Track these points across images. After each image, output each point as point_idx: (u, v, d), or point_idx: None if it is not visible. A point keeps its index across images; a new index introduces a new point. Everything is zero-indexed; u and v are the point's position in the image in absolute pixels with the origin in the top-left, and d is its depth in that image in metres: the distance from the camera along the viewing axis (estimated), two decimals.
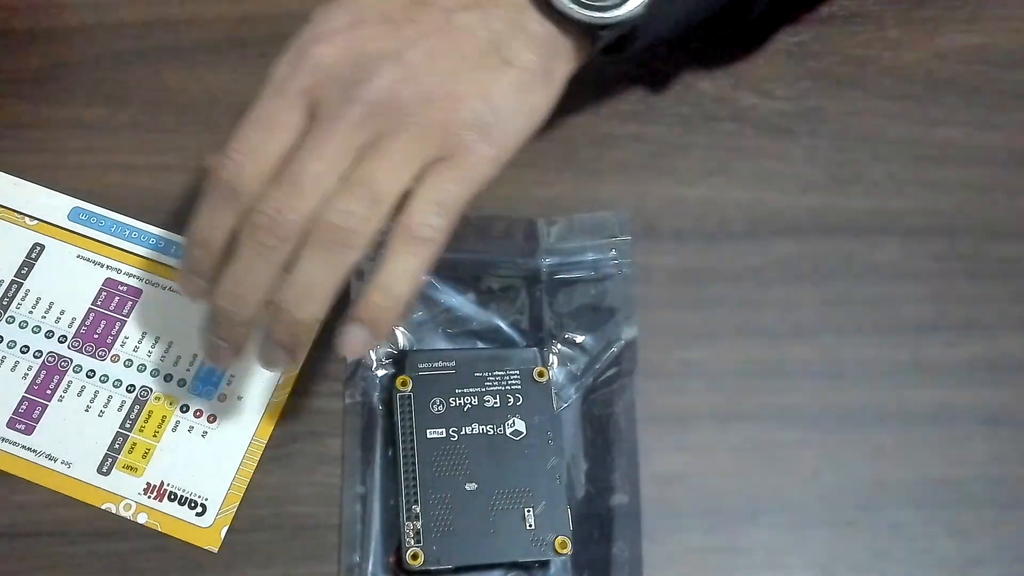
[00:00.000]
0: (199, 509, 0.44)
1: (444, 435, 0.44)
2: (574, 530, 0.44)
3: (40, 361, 0.46)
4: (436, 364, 0.46)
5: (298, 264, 0.39)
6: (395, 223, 0.40)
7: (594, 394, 0.47)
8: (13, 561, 0.43)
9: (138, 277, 0.48)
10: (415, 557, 0.42)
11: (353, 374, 0.46)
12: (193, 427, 0.45)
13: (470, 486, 0.44)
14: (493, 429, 0.45)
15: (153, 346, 0.47)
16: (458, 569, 0.43)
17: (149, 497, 0.44)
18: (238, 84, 0.53)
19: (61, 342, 0.46)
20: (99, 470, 0.44)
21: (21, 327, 0.46)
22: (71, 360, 0.46)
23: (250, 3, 0.55)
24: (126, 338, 0.47)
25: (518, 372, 0.46)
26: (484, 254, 0.48)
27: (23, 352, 0.46)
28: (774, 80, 0.54)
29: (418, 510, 0.43)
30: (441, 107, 0.41)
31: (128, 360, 0.46)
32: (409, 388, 0.45)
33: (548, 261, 0.48)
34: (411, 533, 0.43)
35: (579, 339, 0.47)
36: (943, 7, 0.57)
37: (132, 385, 0.46)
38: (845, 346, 0.49)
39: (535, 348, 0.47)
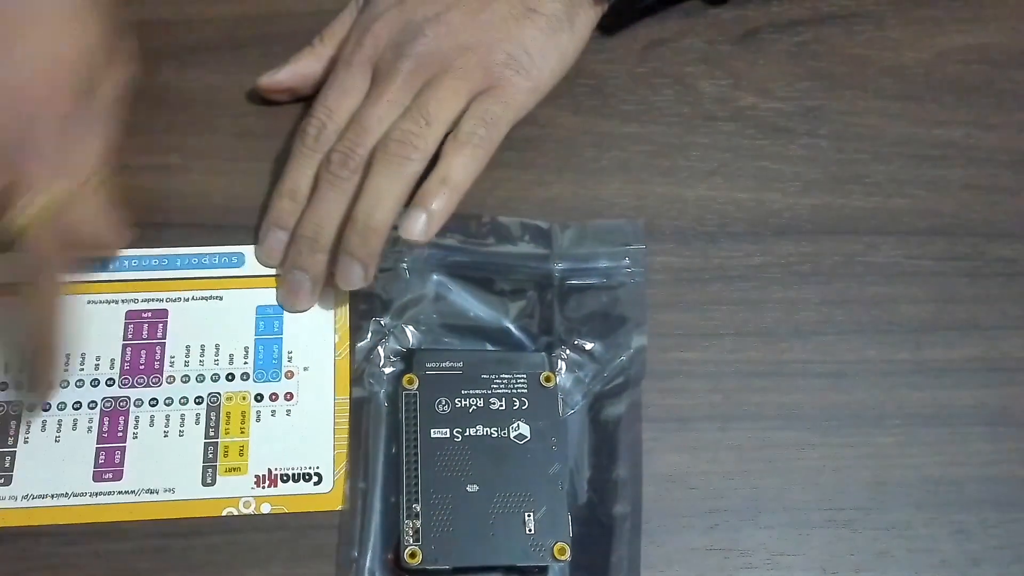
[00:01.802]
0: (315, 479, 0.45)
1: (448, 435, 0.44)
2: (573, 537, 0.43)
3: (98, 410, 0.46)
4: (443, 364, 0.46)
5: (368, 180, 0.46)
6: (448, 138, 0.47)
7: (601, 402, 0.46)
8: (13, 561, 0.43)
9: (157, 299, 0.48)
10: (413, 556, 0.42)
11: (360, 370, 0.46)
12: (275, 411, 0.46)
13: (471, 488, 0.44)
14: (497, 432, 0.45)
15: (202, 355, 0.47)
16: (456, 570, 0.43)
17: (263, 488, 0.44)
18: (237, 84, 0.53)
19: (110, 385, 0.46)
20: (204, 483, 0.44)
21: (63, 387, 0.46)
22: (128, 398, 0.46)
23: (249, 3, 0.55)
24: (172, 357, 0.47)
25: (525, 376, 0.46)
26: (497, 256, 0.48)
27: (77, 408, 0.46)
28: (774, 80, 0.54)
29: (418, 509, 0.43)
30: (479, 52, 0.49)
31: (184, 376, 0.46)
32: (415, 387, 0.45)
33: (561, 266, 0.48)
34: (410, 531, 0.43)
35: (588, 346, 0.47)
36: (943, 7, 0.57)
37: (199, 397, 0.46)
38: (845, 346, 0.49)
39: (543, 353, 0.47)
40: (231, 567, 0.44)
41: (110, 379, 0.46)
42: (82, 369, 0.46)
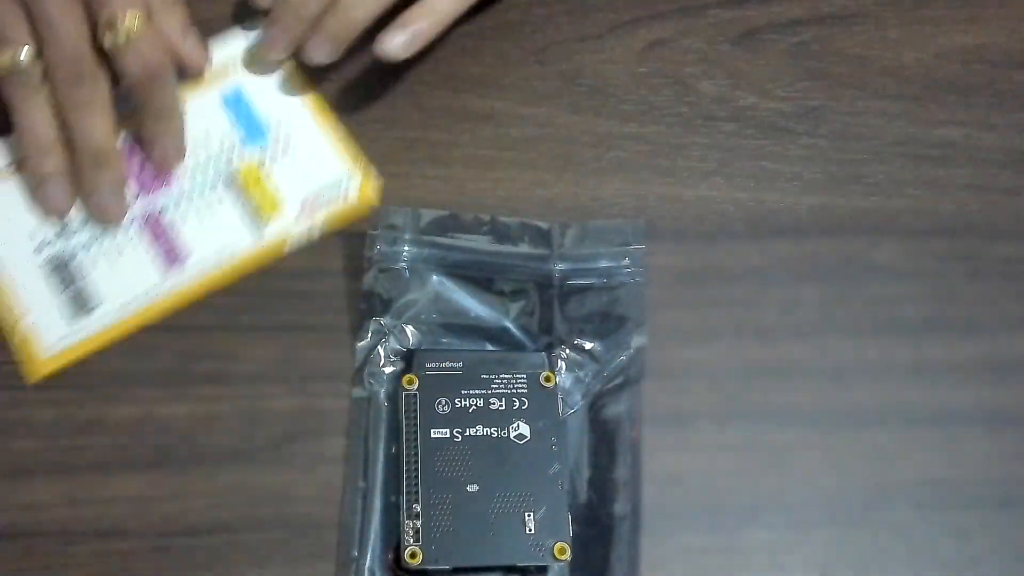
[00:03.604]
0: (347, 186, 0.50)
1: (448, 435, 0.44)
2: (573, 537, 0.43)
3: (142, 220, 0.49)
4: (443, 364, 0.46)
5: None
6: None
7: (601, 401, 0.46)
8: (13, 561, 0.43)
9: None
10: (413, 556, 0.42)
11: (360, 370, 0.46)
12: (278, 158, 0.50)
13: (472, 488, 0.44)
14: (497, 432, 0.45)
15: (198, 160, 0.50)
16: (456, 570, 0.43)
17: (305, 215, 0.49)
18: None
19: (141, 198, 0.50)
20: (255, 236, 0.49)
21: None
22: (159, 207, 0.49)
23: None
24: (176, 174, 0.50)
25: (525, 376, 0.46)
26: (497, 256, 0.48)
27: (126, 227, 0.49)
28: (774, 80, 0.54)
29: (418, 509, 0.43)
30: None
31: (194, 174, 0.50)
32: (415, 387, 0.45)
33: (561, 266, 0.48)
34: (410, 531, 0.43)
35: (588, 346, 0.47)
36: (943, 7, 0.57)
37: (214, 183, 0.50)
38: (845, 346, 0.49)
39: (543, 353, 0.47)
40: (231, 567, 0.44)
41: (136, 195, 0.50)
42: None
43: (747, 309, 0.49)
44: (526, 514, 0.43)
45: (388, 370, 0.47)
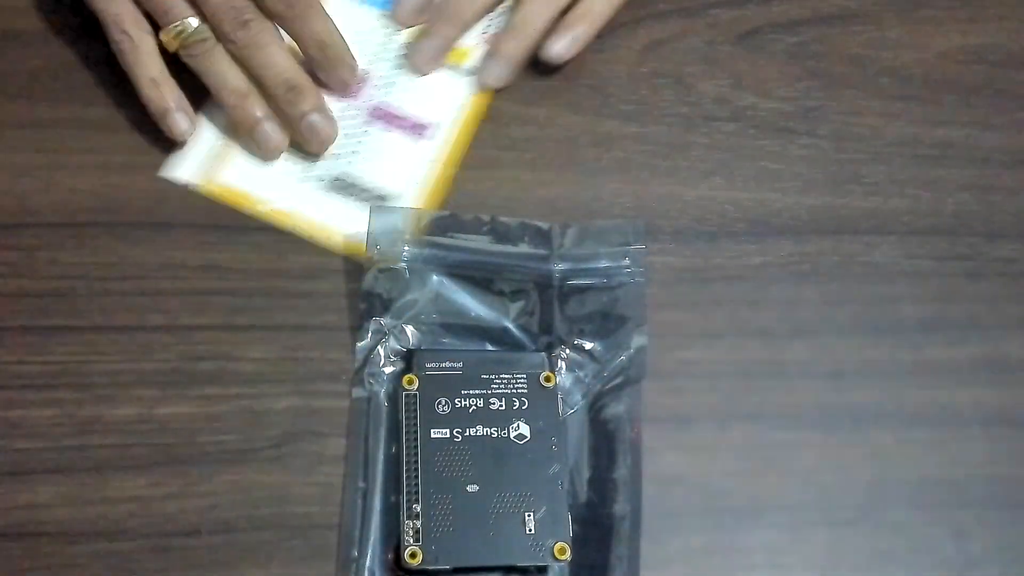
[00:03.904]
0: None
1: (448, 435, 0.44)
2: (573, 537, 0.43)
3: (376, 122, 0.52)
4: (443, 364, 0.46)
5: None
6: None
7: (601, 401, 0.46)
8: (13, 561, 0.43)
9: None
10: (413, 556, 0.42)
11: (360, 370, 0.46)
12: None
13: (472, 488, 0.44)
14: (497, 432, 0.45)
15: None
16: (456, 570, 0.43)
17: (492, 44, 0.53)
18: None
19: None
20: (465, 85, 0.53)
21: None
22: (374, 100, 0.53)
23: None
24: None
25: (525, 376, 0.46)
26: (497, 256, 0.48)
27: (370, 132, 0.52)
28: (774, 80, 0.54)
29: (418, 509, 0.43)
30: None
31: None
32: (415, 387, 0.45)
33: (561, 266, 0.48)
34: (410, 531, 0.43)
35: (588, 346, 0.47)
36: (943, 7, 0.57)
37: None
38: (845, 346, 0.49)
39: (543, 353, 0.47)
40: (231, 567, 0.44)
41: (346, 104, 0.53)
42: None
43: (747, 309, 0.49)
44: (526, 514, 0.43)
45: (388, 370, 0.47)
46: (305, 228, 0.49)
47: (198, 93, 0.50)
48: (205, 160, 0.51)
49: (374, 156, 0.51)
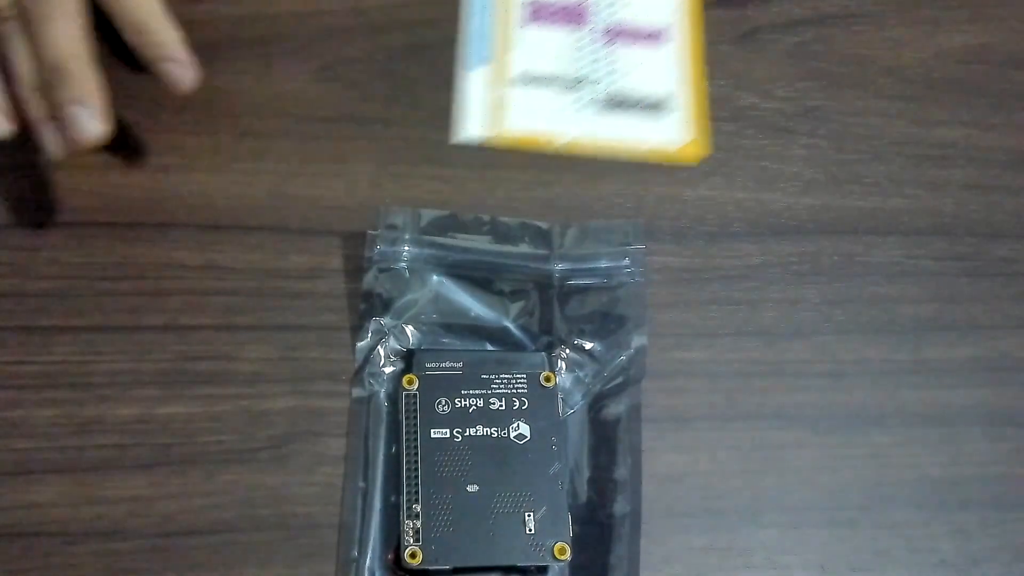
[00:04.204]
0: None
1: (448, 435, 0.44)
2: (574, 537, 0.43)
3: (613, 41, 0.55)
4: (443, 364, 0.46)
5: None
6: None
7: (601, 401, 0.47)
8: (13, 561, 0.43)
9: None
10: (413, 556, 0.42)
11: (360, 370, 0.46)
12: None
13: (472, 488, 0.44)
14: (497, 432, 0.45)
15: None
16: (456, 570, 0.43)
17: None
18: (238, 84, 0.53)
19: None
20: None
21: None
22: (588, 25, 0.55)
23: (249, 3, 0.55)
24: None
25: (525, 376, 0.46)
26: (497, 256, 0.48)
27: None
28: (774, 80, 0.55)
29: (418, 509, 0.43)
30: None
31: None
32: (415, 387, 0.45)
33: (561, 266, 0.48)
34: (410, 531, 0.43)
35: (588, 345, 0.47)
36: (943, 7, 0.57)
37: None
38: (845, 346, 0.49)
39: (543, 352, 0.47)
40: (231, 567, 0.44)
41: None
42: None
43: (747, 309, 0.49)
44: (526, 514, 0.43)
45: (388, 370, 0.47)
46: (609, 150, 0.52)
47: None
48: (487, 114, 0.52)
49: (630, 69, 0.54)
